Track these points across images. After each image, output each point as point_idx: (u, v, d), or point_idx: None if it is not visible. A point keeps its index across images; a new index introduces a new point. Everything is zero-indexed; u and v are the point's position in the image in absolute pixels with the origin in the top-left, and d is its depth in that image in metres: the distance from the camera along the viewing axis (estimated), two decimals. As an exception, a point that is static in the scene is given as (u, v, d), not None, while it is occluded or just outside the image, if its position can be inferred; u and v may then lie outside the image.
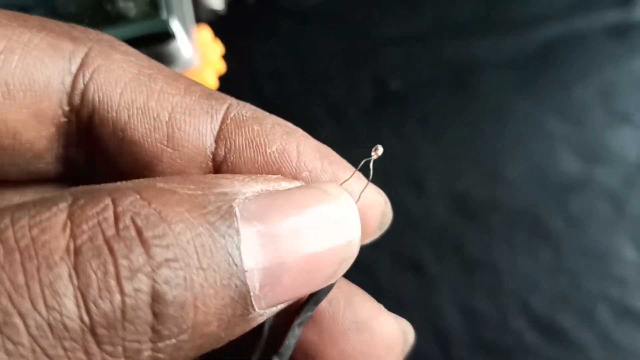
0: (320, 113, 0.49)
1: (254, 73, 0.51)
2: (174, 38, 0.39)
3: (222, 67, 0.48)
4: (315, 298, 0.18)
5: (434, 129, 0.48)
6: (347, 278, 0.20)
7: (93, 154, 0.19)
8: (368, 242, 0.20)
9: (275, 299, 0.15)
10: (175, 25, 0.39)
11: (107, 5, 0.38)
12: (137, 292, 0.13)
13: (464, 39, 0.51)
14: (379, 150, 0.19)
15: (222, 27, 0.49)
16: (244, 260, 0.14)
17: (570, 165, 0.47)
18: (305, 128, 0.19)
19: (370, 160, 0.19)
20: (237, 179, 0.16)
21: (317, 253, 0.16)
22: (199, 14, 0.47)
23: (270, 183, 0.17)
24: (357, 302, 0.20)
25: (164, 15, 0.38)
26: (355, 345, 0.20)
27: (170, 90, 0.18)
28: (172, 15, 0.38)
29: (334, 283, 0.18)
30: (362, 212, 0.18)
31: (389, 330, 0.20)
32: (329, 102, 0.50)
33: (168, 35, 0.39)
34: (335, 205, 0.16)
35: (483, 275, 0.44)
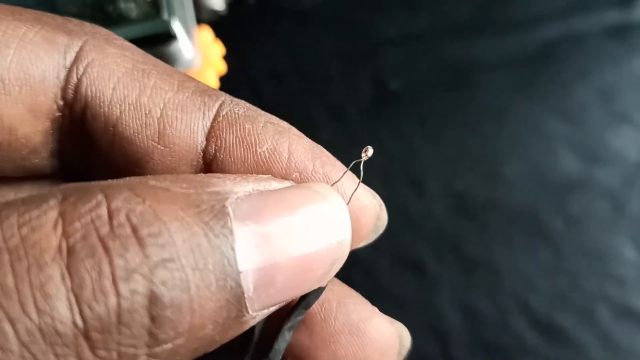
0: (320, 113, 0.49)
1: (254, 73, 0.51)
2: (175, 39, 0.39)
3: (223, 67, 0.48)
4: (306, 302, 0.18)
5: (434, 129, 0.48)
6: (347, 278, 0.19)
7: (87, 150, 0.19)
8: (363, 245, 0.20)
9: (268, 301, 0.15)
10: (177, 26, 0.39)
11: (108, 6, 0.38)
12: (133, 293, 0.12)
13: (464, 39, 0.51)
14: (369, 152, 0.19)
15: (222, 27, 0.49)
16: (239, 261, 0.14)
17: (570, 165, 0.47)
18: (305, 128, 0.19)
19: (361, 162, 0.19)
20: (228, 178, 0.16)
21: (309, 253, 0.15)
22: (200, 15, 0.47)
23: (261, 183, 0.16)
24: (349, 304, 0.19)
25: (165, 16, 0.38)
26: (347, 349, 0.19)
27: (164, 86, 0.18)
28: (173, 16, 0.38)
29: (325, 287, 0.17)
30: (356, 215, 0.18)
31: (383, 333, 0.19)
32: (329, 102, 0.50)
33: (169, 36, 0.39)
34: (326, 206, 0.16)
35: (483, 276, 0.44)
